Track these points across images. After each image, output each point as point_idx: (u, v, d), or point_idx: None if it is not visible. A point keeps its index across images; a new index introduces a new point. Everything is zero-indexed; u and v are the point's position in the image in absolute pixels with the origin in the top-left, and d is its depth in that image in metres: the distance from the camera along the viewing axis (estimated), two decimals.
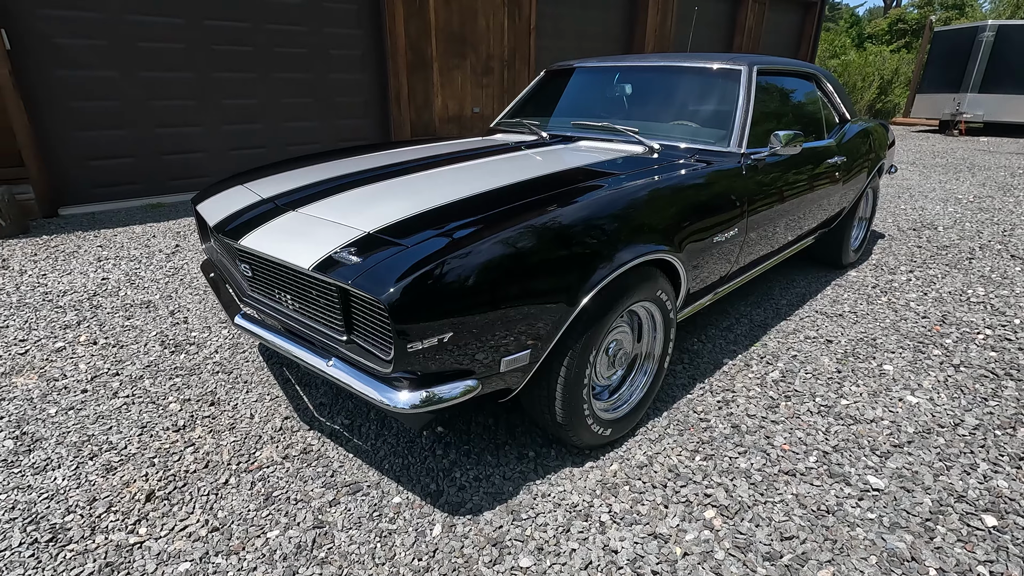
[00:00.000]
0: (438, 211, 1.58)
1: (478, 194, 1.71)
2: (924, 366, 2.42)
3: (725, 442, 1.90)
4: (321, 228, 1.53)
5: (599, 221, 1.60)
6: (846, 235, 3.40)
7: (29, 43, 4.61)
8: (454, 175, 1.97)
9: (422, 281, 1.27)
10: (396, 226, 1.49)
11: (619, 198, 1.71)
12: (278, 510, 1.61)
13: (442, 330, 1.29)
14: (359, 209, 1.64)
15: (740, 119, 2.32)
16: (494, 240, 1.40)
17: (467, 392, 1.41)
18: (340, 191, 1.82)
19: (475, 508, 1.62)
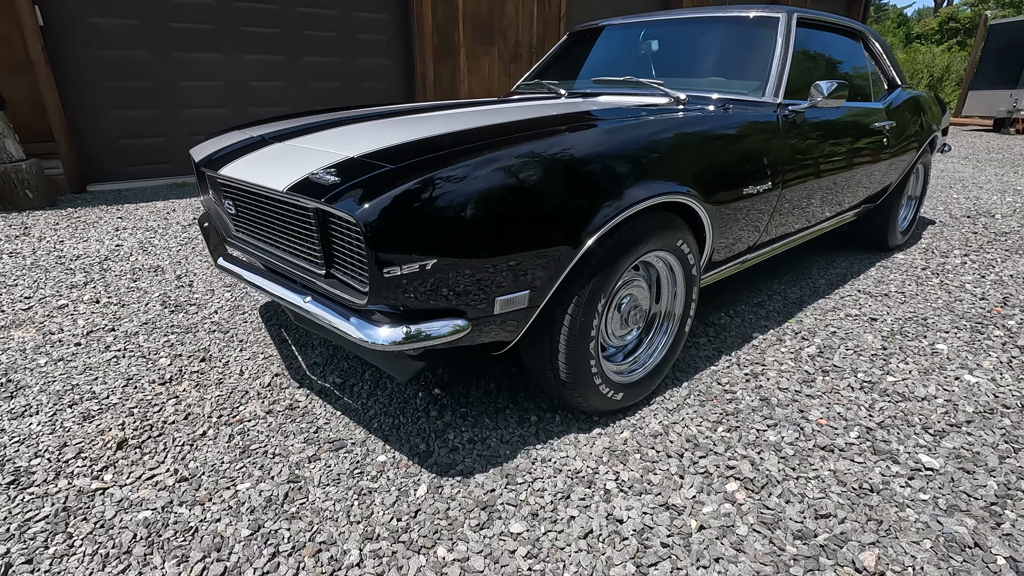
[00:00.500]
0: (434, 139, 1.44)
1: (481, 127, 1.56)
2: (984, 346, 2.16)
3: (752, 414, 1.70)
4: (305, 155, 1.40)
5: (612, 154, 1.42)
6: (893, 214, 3.12)
7: (63, 21, 4.68)
8: (460, 116, 1.82)
9: (403, 199, 1.12)
10: (386, 151, 1.35)
11: (637, 131, 1.53)
12: (253, 463, 1.48)
13: (424, 255, 1.14)
14: (351, 139, 1.51)
15: (777, 67, 2.11)
16: (490, 163, 1.24)
17: (456, 332, 1.25)
18: (336, 126, 1.69)
19: (466, 470, 1.46)
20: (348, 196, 1.14)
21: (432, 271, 1.17)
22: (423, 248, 1.14)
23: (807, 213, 2.31)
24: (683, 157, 1.59)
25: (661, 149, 1.54)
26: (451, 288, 1.21)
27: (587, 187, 1.34)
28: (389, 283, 1.14)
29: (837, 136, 2.31)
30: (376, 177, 1.18)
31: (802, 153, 2.09)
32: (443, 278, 1.19)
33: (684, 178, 1.57)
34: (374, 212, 1.10)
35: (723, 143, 1.75)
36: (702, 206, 1.64)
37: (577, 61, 2.88)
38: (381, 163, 1.26)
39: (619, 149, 1.45)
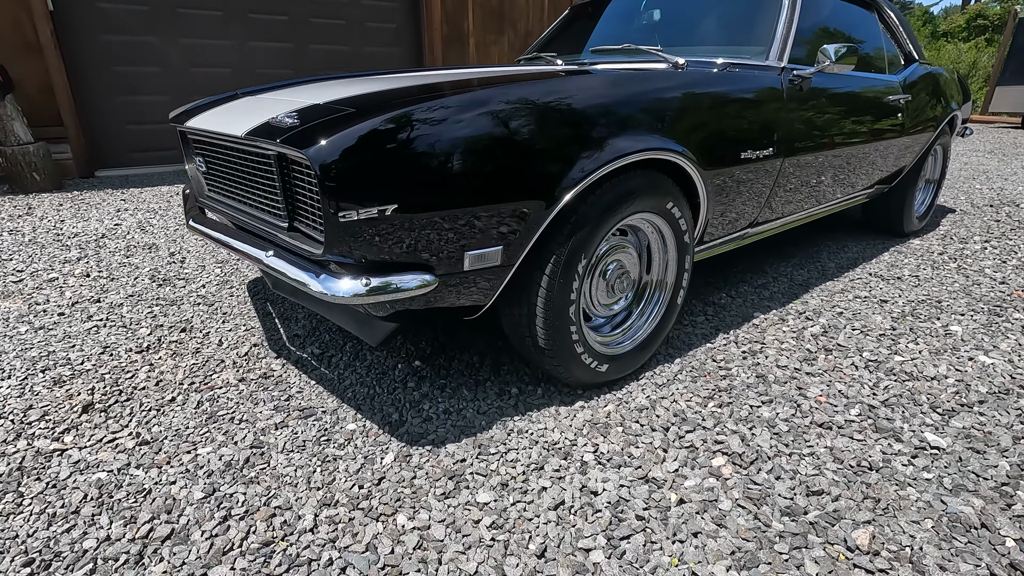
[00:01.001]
0: (406, 90, 1.37)
1: (458, 79, 1.48)
2: (1001, 329, 2.03)
3: (747, 391, 1.60)
4: (273, 105, 1.34)
5: (594, 103, 1.34)
6: (908, 197, 2.98)
7: (72, 5, 4.71)
8: (442, 73, 1.74)
9: (360, 138, 1.05)
10: (354, 98, 1.28)
11: (624, 81, 1.44)
12: (218, 428, 1.43)
13: (384, 200, 1.07)
14: (326, 90, 1.45)
15: (783, 29, 2.00)
16: (457, 106, 1.17)
17: (422, 287, 1.17)
18: (313, 82, 1.63)
19: (438, 440, 1.39)
20: (304, 136, 1.08)
21: (392, 218, 1.09)
22: (382, 192, 1.07)
23: (813, 188, 2.20)
24: (675, 113, 1.50)
25: (649, 102, 1.45)
26: (415, 239, 1.14)
27: (564, 137, 1.26)
28: (346, 229, 1.07)
29: (847, 107, 2.19)
30: (335, 119, 1.11)
31: (808, 122, 1.99)
32: (405, 227, 1.12)
33: (675, 135, 1.48)
34: (329, 151, 1.03)
35: (720, 103, 1.65)
36: (696, 168, 1.55)
37: (578, 34, 2.79)
38: (344, 108, 1.19)
39: (601, 99, 1.36)
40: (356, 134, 1.05)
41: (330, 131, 1.06)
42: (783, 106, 1.86)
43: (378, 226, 1.09)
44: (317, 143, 1.04)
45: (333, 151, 1.03)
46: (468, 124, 1.15)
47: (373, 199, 1.06)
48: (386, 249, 1.13)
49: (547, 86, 1.31)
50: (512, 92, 1.25)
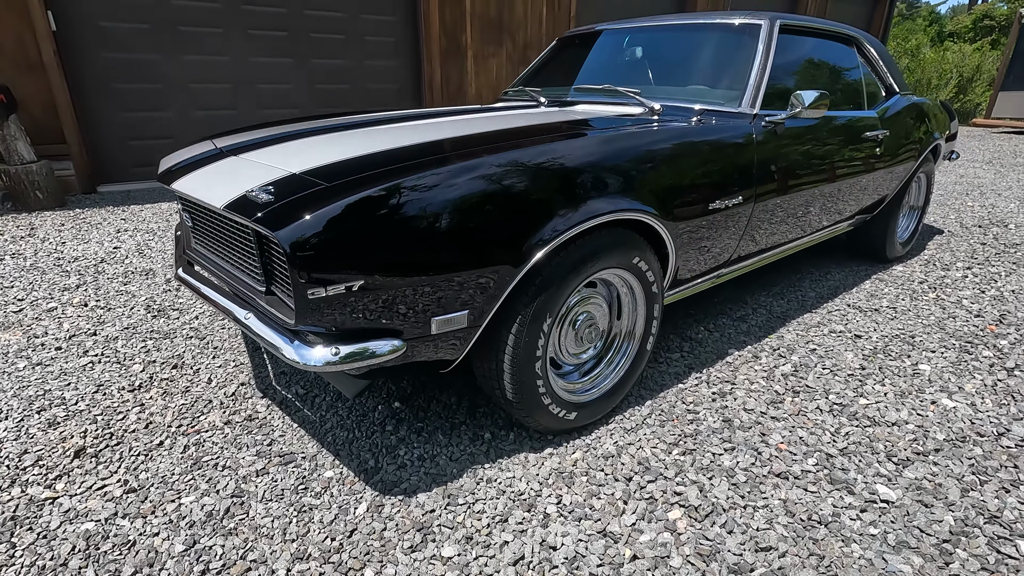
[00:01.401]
0: (383, 155, 1.43)
1: (435, 140, 1.55)
2: (969, 368, 2.08)
3: (711, 436, 1.66)
4: (251, 170, 1.41)
5: (559, 168, 1.40)
6: (891, 225, 3.03)
7: (76, 25, 4.80)
8: (424, 128, 1.81)
9: (328, 220, 1.12)
10: (329, 167, 1.35)
11: (590, 145, 1.50)
12: (202, 475, 1.50)
13: (351, 277, 1.14)
14: (303, 153, 1.51)
15: (756, 77, 2.05)
16: (424, 180, 1.23)
17: (390, 353, 1.24)
18: (296, 139, 1.70)
19: (410, 489, 1.45)
20: (276, 216, 1.14)
21: (360, 293, 1.16)
22: (349, 270, 1.13)
23: (789, 226, 2.25)
24: (641, 173, 1.56)
25: (614, 164, 1.51)
26: (382, 309, 1.21)
27: (526, 207, 1.32)
28: (315, 305, 1.14)
29: (822, 147, 2.25)
30: (305, 197, 1.18)
31: (781, 166, 2.04)
32: (372, 300, 1.18)
33: (641, 195, 1.54)
34: (297, 233, 1.10)
35: (688, 158, 1.71)
36: (662, 223, 1.61)
37: (564, 67, 2.85)
38: (317, 181, 1.25)
39: (572, 163, 1.42)
40: (324, 217, 1.12)
41: (300, 212, 1.13)
42: (754, 154, 1.91)
43: (346, 300, 1.16)
44: (287, 225, 1.11)
45: (302, 233, 1.10)
46: (433, 200, 1.21)
47: (341, 277, 1.13)
48: (355, 319, 1.20)
49: (512, 156, 1.37)
50: (495, 162, 1.32)
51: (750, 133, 1.93)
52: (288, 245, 1.09)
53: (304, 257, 1.09)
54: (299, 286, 1.11)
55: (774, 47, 2.12)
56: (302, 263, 1.10)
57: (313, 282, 1.11)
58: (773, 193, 2.03)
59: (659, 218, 1.59)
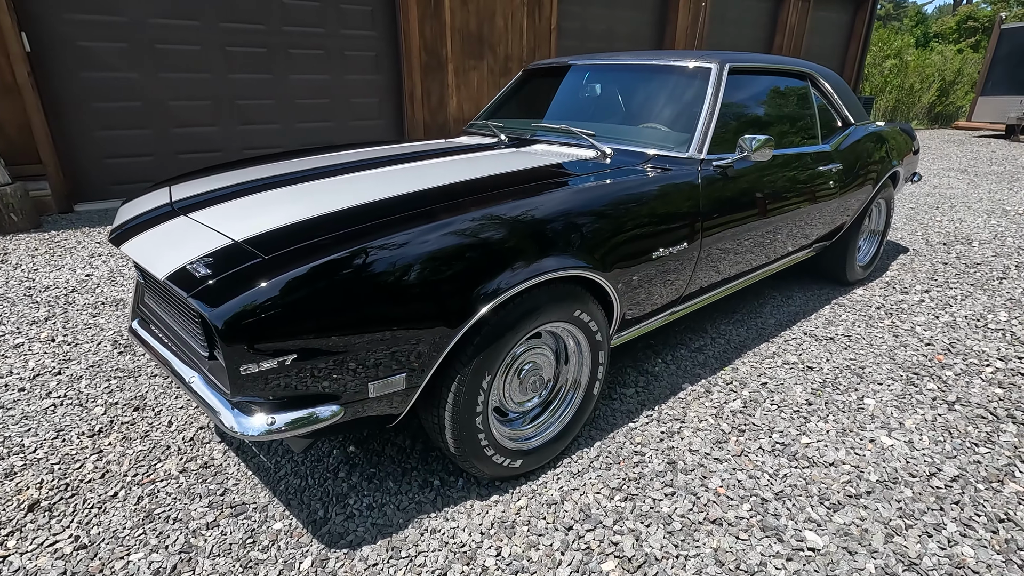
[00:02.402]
0: (329, 218, 1.47)
1: (379, 200, 1.59)
2: (913, 402, 2.14)
3: (654, 480, 1.71)
4: (197, 235, 1.45)
5: (497, 231, 1.45)
6: (850, 250, 3.10)
7: (53, 45, 4.79)
8: (373, 179, 1.85)
9: (262, 297, 1.16)
10: (269, 234, 1.39)
11: (531, 204, 1.55)
12: (153, 529, 1.53)
13: (283, 351, 1.18)
14: (250, 214, 1.55)
15: (704, 122, 2.11)
16: (360, 251, 1.27)
17: (331, 417, 1.29)
18: (247, 194, 1.73)
19: (356, 541, 1.50)
20: (209, 293, 1.18)
21: (293, 366, 1.20)
22: (282, 345, 1.18)
23: (742, 262, 2.31)
24: (581, 229, 1.61)
25: (555, 223, 1.56)
26: (318, 379, 1.25)
27: (462, 272, 1.36)
28: (248, 380, 1.18)
29: (773, 184, 2.31)
30: (240, 273, 1.22)
31: (729, 208, 2.10)
32: (307, 371, 1.23)
33: (580, 251, 1.59)
34: (229, 312, 1.14)
35: (629, 211, 1.76)
36: (602, 276, 1.66)
37: (528, 99, 2.90)
38: (256, 253, 1.29)
39: (507, 227, 1.47)
40: (257, 296, 1.16)
41: (233, 290, 1.17)
42: (699, 200, 1.96)
43: (280, 372, 1.20)
44: (219, 304, 1.15)
45: (233, 312, 1.14)
46: (369, 271, 1.26)
47: (274, 352, 1.17)
48: (291, 389, 1.24)
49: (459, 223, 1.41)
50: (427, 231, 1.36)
51: (694, 180, 1.98)
52: (220, 324, 1.13)
53: (236, 335, 1.13)
54: (231, 362, 1.15)
55: (723, 91, 2.18)
56: (234, 341, 1.14)
57: (245, 359, 1.15)
58: (721, 234, 2.08)
59: (600, 271, 1.64)
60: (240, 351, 1.14)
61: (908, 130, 3.65)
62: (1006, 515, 1.58)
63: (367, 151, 2.33)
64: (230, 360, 1.15)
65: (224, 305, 1.15)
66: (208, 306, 1.15)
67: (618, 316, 1.83)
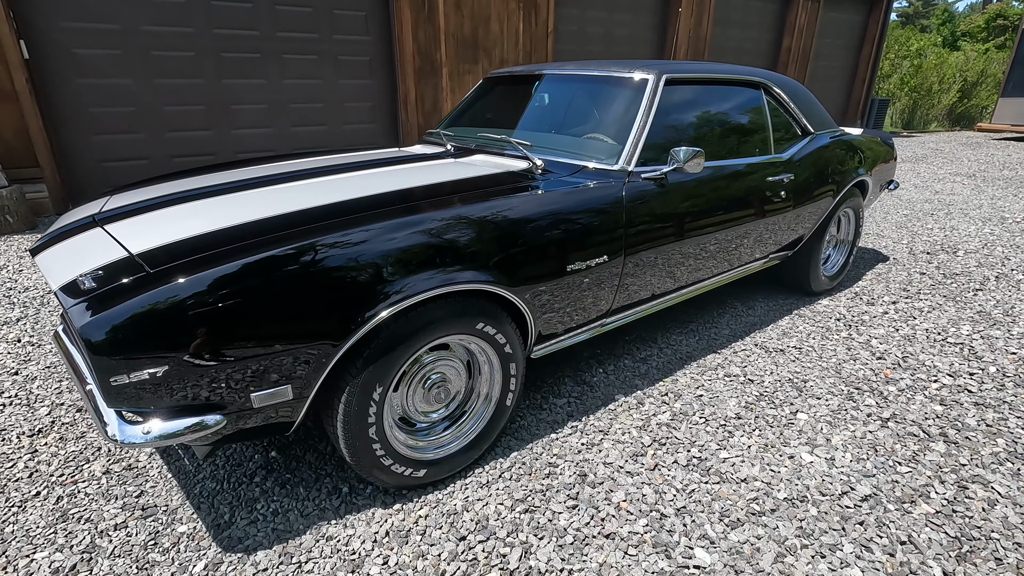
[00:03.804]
0: (223, 233, 1.51)
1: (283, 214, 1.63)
2: (846, 417, 2.11)
3: (560, 493, 1.72)
4: (102, 248, 1.50)
5: (383, 247, 1.47)
6: (813, 260, 3.06)
7: (49, 53, 4.96)
8: (297, 191, 1.88)
9: (132, 312, 1.20)
10: (165, 248, 1.43)
11: (425, 220, 1.57)
12: (64, 529, 1.59)
13: (154, 365, 1.22)
14: (160, 227, 1.60)
15: (635, 134, 2.11)
16: (237, 268, 1.31)
17: (215, 425, 1.33)
18: (169, 206, 1.79)
19: (253, 546, 1.54)
20: (84, 307, 1.23)
21: (164, 378, 1.25)
22: (151, 358, 1.22)
23: (678, 275, 2.30)
24: (482, 241, 1.63)
25: (454, 236, 1.58)
26: (194, 390, 1.29)
27: (341, 291, 1.39)
28: (119, 391, 1.23)
29: (712, 197, 2.29)
30: (118, 288, 1.26)
31: (659, 220, 2.09)
32: (181, 383, 1.27)
33: (482, 264, 1.61)
34: (97, 327, 1.18)
35: (540, 222, 1.77)
36: (509, 290, 1.67)
37: (486, 108, 2.92)
38: (143, 267, 1.34)
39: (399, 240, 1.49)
40: (126, 311, 1.20)
41: (104, 304, 1.22)
42: (623, 212, 1.96)
43: (153, 385, 1.25)
44: (89, 318, 1.19)
45: (101, 327, 1.18)
46: (249, 286, 1.29)
47: (143, 365, 1.22)
48: (167, 400, 1.28)
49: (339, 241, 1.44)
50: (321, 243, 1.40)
51: (617, 193, 1.98)
52: (87, 336, 1.18)
53: (102, 348, 1.18)
54: (100, 373, 1.20)
55: (657, 102, 2.17)
56: (100, 353, 1.18)
57: (114, 370, 1.20)
58: (651, 247, 2.08)
59: (506, 285, 1.66)
60: (107, 363, 1.19)
61: (884, 137, 3.59)
62: (908, 537, 1.56)
63: (309, 161, 2.38)
64: (99, 371, 1.19)
65: (94, 318, 1.19)
66: (79, 318, 1.20)
67: (533, 330, 1.84)
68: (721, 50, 9.55)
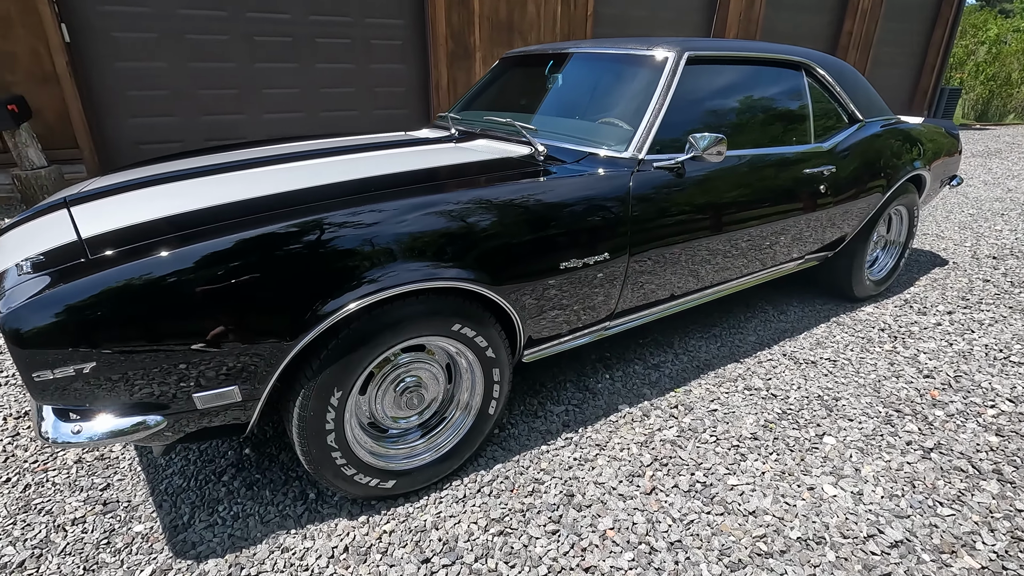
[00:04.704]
0: (178, 218, 1.40)
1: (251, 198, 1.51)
2: (881, 444, 1.86)
3: (542, 514, 1.56)
4: (58, 231, 1.42)
5: (345, 239, 1.33)
6: (856, 262, 2.76)
7: (89, 36, 5.07)
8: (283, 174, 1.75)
9: (55, 302, 1.11)
10: (114, 233, 1.34)
11: (394, 209, 1.42)
12: (24, 520, 1.54)
13: (78, 360, 1.12)
14: (125, 209, 1.51)
15: (648, 118, 1.89)
16: (185, 254, 1.20)
17: (156, 426, 1.23)
18: (142, 187, 1.70)
19: (206, 553, 1.44)
20: (11, 295, 1.14)
21: (93, 375, 1.15)
22: (76, 353, 1.12)
23: (696, 276, 2.08)
24: (460, 235, 1.46)
25: (428, 228, 1.42)
26: (129, 389, 1.19)
27: (293, 287, 1.26)
28: (44, 386, 1.13)
29: (736, 190, 2.05)
30: (51, 274, 1.17)
31: (673, 215, 1.88)
32: (112, 380, 1.17)
33: (455, 260, 1.44)
34: (17, 316, 1.09)
35: (531, 214, 1.59)
36: (491, 288, 1.51)
37: (498, 90, 2.74)
38: (84, 252, 1.24)
39: (359, 234, 1.35)
40: (46, 303, 1.10)
41: (29, 292, 1.12)
42: (629, 204, 1.76)
43: (81, 381, 1.15)
44: (9, 307, 1.10)
45: (21, 319, 1.09)
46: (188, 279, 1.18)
47: (67, 361, 1.12)
48: (101, 398, 1.19)
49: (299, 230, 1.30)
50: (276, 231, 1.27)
51: (623, 183, 1.77)
52: (7, 329, 1.09)
53: (19, 340, 1.09)
54: (21, 367, 1.11)
55: (676, 83, 1.95)
56: (17, 344, 1.09)
57: (34, 365, 1.11)
58: (663, 244, 1.87)
59: (487, 283, 1.49)
60: (27, 356, 1.10)
61: (948, 128, 3.21)
62: None
63: (302, 144, 2.26)
64: (20, 364, 1.10)
65: (15, 308, 1.10)
66: (3, 307, 1.11)
67: (522, 333, 1.67)
68: (774, 34, 8.98)
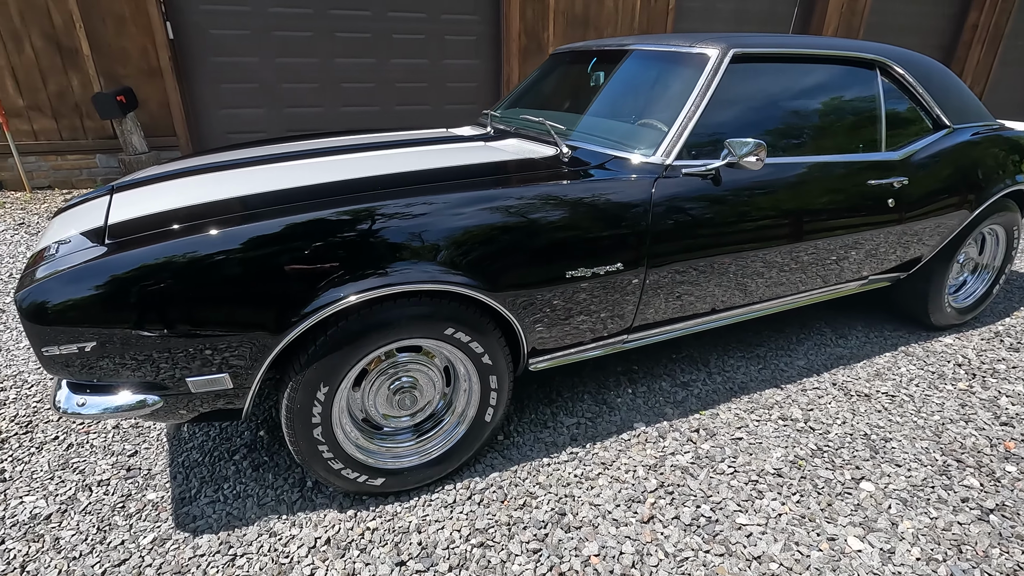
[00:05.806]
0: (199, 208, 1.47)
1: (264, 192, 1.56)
2: (930, 498, 1.63)
3: (526, 531, 1.51)
4: (94, 216, 1.54)
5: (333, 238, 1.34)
6: (934, 287, 2.45)
7: (190, 33, 5.52)
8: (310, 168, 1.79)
9: (64, 283, 1.19)
10: (136, 221, 1.43)
11: (390, 209, 1.41)
12: (60, 476, 1.70)
13: (82, 339, 1.21)
14: (159, 198, 1.61)
15: (680, 121, 1.77)
16: (187, 247, 1.26)
17: (153, 405, 1.31)
18: (182, 177, 1.81)
19: (203, 528, 1.52)
20: (33, 273, 1.24)
21: (93, 354, 1.23)
22: (79, 332, 1.20)
23: (728, 293, 1.92)
24: (457, 237, 1.43)
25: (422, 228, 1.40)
26: (126, 369, 1.27)
27: (283, 282, 1.28)
28: (51, 360, 1.23)
29: (779, 201, 1.87)
30: (65, 258, 1.27)
31: (703, 225, 1.74)
32: (112, 360, 1.25)
33: (449, 262, 1.41)
34: (29, 294, 1.19)
35: (536, 218, 1.52)
36: (489, 294, 1.47)
37: (543, 88, 2.68)
38: (104, 239, 1.34)
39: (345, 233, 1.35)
40: (58, 282, 1.19)
41: (44, 272, 1.22)
42: (649, 212, 1.65)
43: (84, 359, 1.24)
44: (25, 286, 1.20)
45: (33, 294, 1.18)
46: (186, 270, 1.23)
47: (72, 338, 1.20)
48: (101, 375, 1.27)
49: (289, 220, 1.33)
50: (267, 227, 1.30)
51: (644, 189, 1.66)
52: (20, 305, 1.19)
53: (31, 316, 1.18)
54: (33, 340, 1.21)
55: (717, 84, 1.80)
56: (29, 320, 1.19)
57: (44, 340, 1.20)
58: (689, 257, 1.74)
59: (483, 289, 1.45)
60: (37, 331, 1.19)
61: None
62: None
63: (345, 139, 2.32)
64: (31, 338, 1.20)
65: (30, 287, 1.20)
66: (22, 285, 1.22)
67: (525, 341, 1.62)
68: (881, 28, 8.18)
